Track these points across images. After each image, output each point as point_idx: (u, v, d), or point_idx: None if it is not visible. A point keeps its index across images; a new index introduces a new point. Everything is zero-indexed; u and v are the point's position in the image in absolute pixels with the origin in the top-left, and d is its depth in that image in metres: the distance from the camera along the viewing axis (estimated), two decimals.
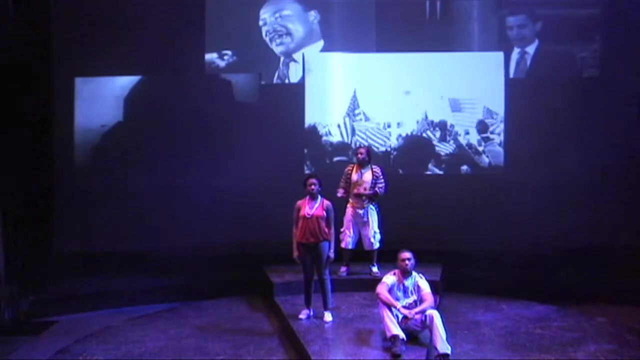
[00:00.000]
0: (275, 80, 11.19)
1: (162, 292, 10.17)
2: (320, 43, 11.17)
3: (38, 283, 9.83)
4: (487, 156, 11.06)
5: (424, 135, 11.14)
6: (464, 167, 11.10)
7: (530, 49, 10.95)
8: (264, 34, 11.12)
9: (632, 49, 10.47)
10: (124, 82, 11.02)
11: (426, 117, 11.10)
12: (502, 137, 11.03)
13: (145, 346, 7.95)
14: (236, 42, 11.14)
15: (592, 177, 10.53)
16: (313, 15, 11.10)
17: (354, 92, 11.06)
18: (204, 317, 9.08)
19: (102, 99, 10.96)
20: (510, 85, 10.99)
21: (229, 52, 11.05)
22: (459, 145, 11.10)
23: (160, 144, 10.83)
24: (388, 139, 11.12)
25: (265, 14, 11.09)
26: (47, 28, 10.54)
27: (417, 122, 11.12)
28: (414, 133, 11.14)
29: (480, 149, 11.06)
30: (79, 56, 10.71)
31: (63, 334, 8.76)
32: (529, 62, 10.97)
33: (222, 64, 11.10)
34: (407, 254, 7.48)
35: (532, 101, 10.81)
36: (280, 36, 11.02)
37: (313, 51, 11.17)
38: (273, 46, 11.12)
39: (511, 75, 11.03)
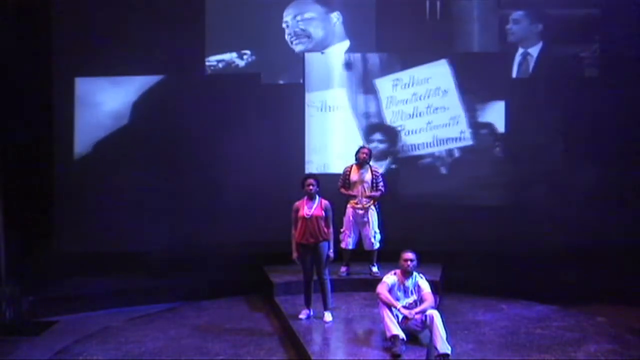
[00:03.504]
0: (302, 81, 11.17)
1: (162, 292, 10.17)
2: (346, 43, 11.17)
3: (38, 283, 9.83)
4: (488, 156, 11.04)
5: (425, 135, 11.12)
6: (465, 166, 11.08)
7: (534, 51, 10.94)
8: (285, 35, 11.12)
9: (632, 49, 10.47)
10: (124, 82, 11.01)
11: (427, 117, 11.10)
12: (503, 137, 11.01)
13: (145, 346, 7.96)
14: (237, 42, 11.14)
15: (592, 177, 10.54)
16: (336, 17, 11.11)
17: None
18: (204, 317, 9.09)
19: (102, 100, 10.97)
20: (513, 86, 10.98)
21: (232, 54, 11.09)
22: (459, 145, 11.09)
23: (160, 144, 10.84)
24: (390, 139, 11.11)
25: (287, 17, 11.10)
26: (47, 28, 10.55)
27: (418, 122, 11.10)
28: (416, 134, 11.12)
29: (482, 149, 11.04)
30: (79, 56, 10.72)
31: (63, 334, 8.76)
32: (531, 63, 10.96)
33: (222, 64, 11.13)
34: (410, 255, 7.48)
35: (535, 101, 10.81)
36: (299, 37, 11.03)
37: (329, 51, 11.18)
38: (294, 46, 11.13)
39: (514, 75, 11.02)
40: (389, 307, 7.32)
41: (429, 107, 11.06)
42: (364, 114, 11.15)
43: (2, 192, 9.58)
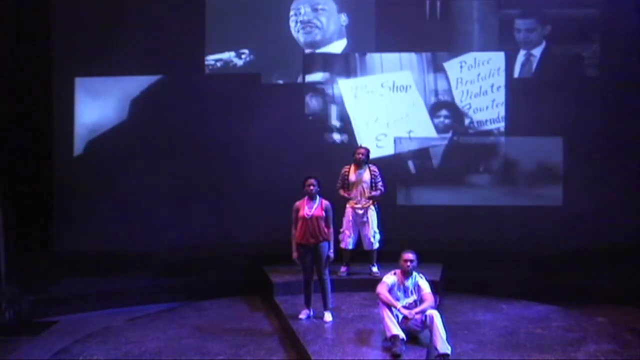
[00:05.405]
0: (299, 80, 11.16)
1: (162, 292, 10.18)
2: (344, 42, 11.17)
3: (38, 283, 9.84)
4: (487, 155, 11.04)
5: (425, 135, 11.12)
6: (464, 165, 11.08)
7: (536, 51, 10.94)
8: (292, 24, 11.10)
9: (632, 49, 10.47)
10: (124, 83, 11.01)
11: (427, 117, 11.10)
12: (502, 137, 11.01)
13: (145, 346, 7.95)
14: (235, 42, 11.14)
15: (592, 177, 10.55)
16: (344, 17, 11.11)
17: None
18: (204, 317, 9.09)
19: (102, 99, 10.97)
20: (513, 86, 10.98)
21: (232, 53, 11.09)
22: (459, 145, 11.09)
23: (160, 144, 10.84)
24: (389, 139, 11.11)
25: (299, 5, 11.08)
26: (47, 28, 10.56)
27: (418, 122, 11.10)
28: (415, 134, 11.12)
29: (481, 148, 11.04)
30: (79, 56, 10.73)
31: (63, 334, 8.76)
32: (534, 63, 10.96)
33: (221, 64, 11.14)
34: (410, 255, 7.46)
35: (535, 101, 10.81)
36: (309, 26, 11.01)
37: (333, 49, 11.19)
38: (299, 35, 11.10)
39: (516, 75, 11.01)
40: (389, 307, 7.32)
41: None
42: None
43: (2, 192, 9.58)
